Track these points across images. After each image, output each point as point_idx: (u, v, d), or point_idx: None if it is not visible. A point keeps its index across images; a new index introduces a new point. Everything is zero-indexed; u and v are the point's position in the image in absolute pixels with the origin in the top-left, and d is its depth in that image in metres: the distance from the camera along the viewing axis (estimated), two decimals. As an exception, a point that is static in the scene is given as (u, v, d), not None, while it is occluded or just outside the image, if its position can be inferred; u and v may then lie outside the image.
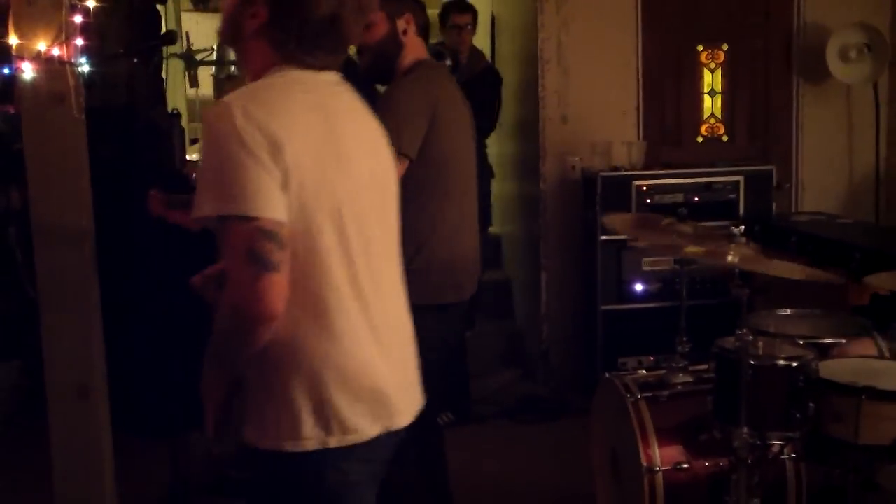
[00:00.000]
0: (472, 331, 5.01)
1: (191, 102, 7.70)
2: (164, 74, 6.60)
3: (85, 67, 3.07)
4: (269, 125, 1.81)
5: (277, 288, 1.81)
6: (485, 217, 4.64)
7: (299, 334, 1.87)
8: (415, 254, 2.99)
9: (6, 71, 4.91)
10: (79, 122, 3.05)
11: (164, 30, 6.19)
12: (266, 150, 1.80)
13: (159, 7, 6.27)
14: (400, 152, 2.87)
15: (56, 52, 2.96)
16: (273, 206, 1.80)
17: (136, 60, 5.16)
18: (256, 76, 1.97)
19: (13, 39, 3.13)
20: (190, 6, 8.27)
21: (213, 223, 1.83)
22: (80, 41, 2.98)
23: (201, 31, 6.79)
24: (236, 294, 1.82)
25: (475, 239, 3.21)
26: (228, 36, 2.05)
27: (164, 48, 6.30)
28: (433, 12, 6.24)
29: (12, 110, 4.83)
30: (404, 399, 2.04)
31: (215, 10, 7.57)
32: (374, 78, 3.36)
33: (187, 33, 6.70)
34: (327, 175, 1.90)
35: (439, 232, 3.03)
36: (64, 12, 2.92)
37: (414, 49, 3.12)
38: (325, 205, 1.89)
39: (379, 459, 2.01)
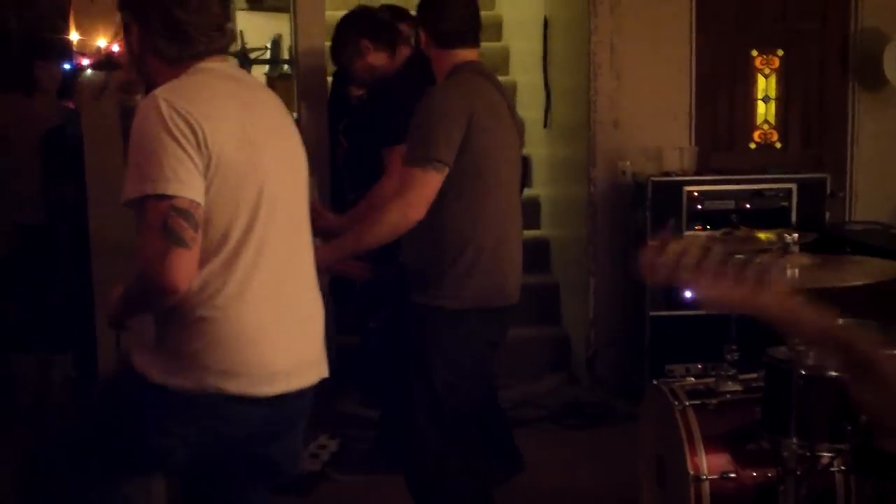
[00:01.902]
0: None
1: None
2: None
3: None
4: (192, 114, 2.02)
5: (186, 264, 1.99)
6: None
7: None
8: (454, 258, 3.01)
9: (66, 67, 5.00)
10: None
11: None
12: (188, 138, 2.00)
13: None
14: (438, 161, 2.89)
15: (115, 48, 3.01)
16: (190, 187, 1.99)
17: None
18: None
19: (74, 36, 3.19)
20: (245, 5, 8.34)
21: (136, 207, 2.01)
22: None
23: (255, 29, 6.85)
24: (147, 266, 2.01)
25: (518, 245, 3.22)
26: (133, 68, 2.28)
27: (220, 47, 6.35)
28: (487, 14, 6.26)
29: (72, 105, 4.91)
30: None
31: (270, 9, 7.63)
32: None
33: (241, 32, 6.76)
34: (246, 158, 2.09)
35: (479, 237, 3.04)
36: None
37: (445, 57, 3.12)
38: (247, 187, 2.08)
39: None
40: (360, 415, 4.60)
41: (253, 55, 6.70)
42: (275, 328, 2.15)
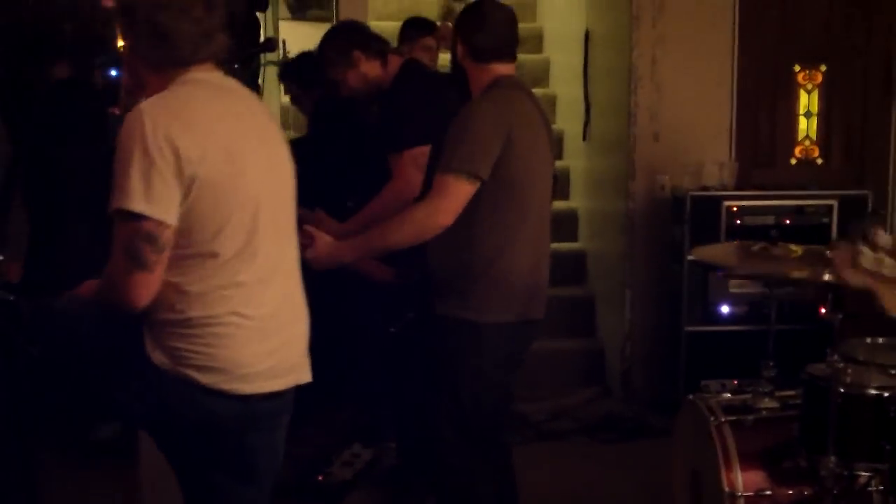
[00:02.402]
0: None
1: (285, 109, 7.82)
2: (260, 81, 6.73)
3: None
4: (175, 131, 2.06)
5: (145, 286, 2.08)
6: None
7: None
8: (484, 269, 3.01)
9: (113, 73, 5.06)
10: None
11: (262, 37, 6.31)
12: (166, 157, 2.04)
13: (259, 14, 6.40)
14: (473, 173, 2.90)
15: None
16: (160, 207, 2.04)
17: (235, 67, 5.27)
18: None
19: (120, 42, 3.23)
20: (288, 14, 8.42)
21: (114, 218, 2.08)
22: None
23: (298, 39, 6.89)
24: (109, 281, 2.12)
25: (547, 261, 3.21)
26: (127, 73, 2.32)
27: (262, 55, 6.43)
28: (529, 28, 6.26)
29: (117, 112, 4.96)
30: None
31: (313, 19, 7.69)
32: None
33: (284, 41, 6.82)
34: (233, 170, 2.14)
35: (511, 251, 3.03)
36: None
37: (482, 71, 3.13)
38: (234, 198, 2.14)
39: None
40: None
41: (295, 64, 6.74)
42: (257, 331, 2.21)
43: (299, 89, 4.91)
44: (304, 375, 2.38)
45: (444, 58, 6.82)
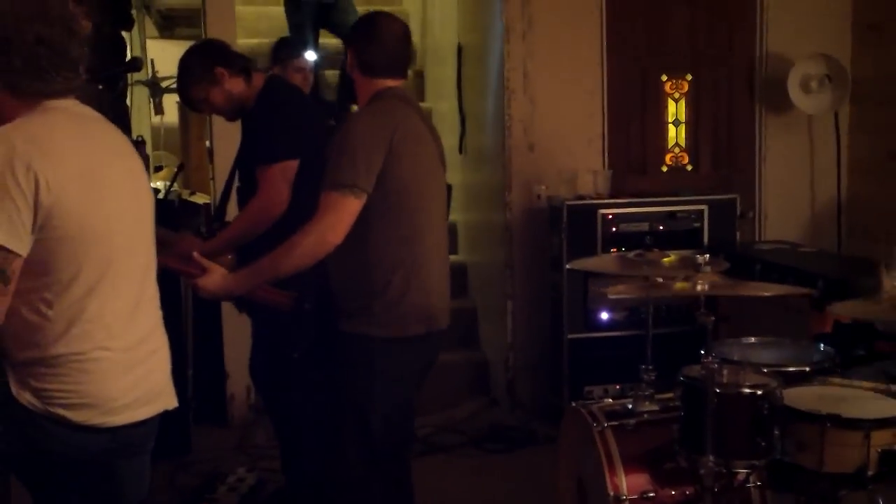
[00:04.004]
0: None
1: (155, 129, 7.67)
2: (128, 101, 6.57)
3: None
4: (35, 158, 2.02)
5: None
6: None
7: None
8: (383, 286, 2.99)
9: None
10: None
11: (129, 56, 6.17)
12: (27, 187, 2.01)
13: (124, 34, 6.25)
14: (357, 187, 2.87)
15: None
16: (10, 236, 2.01)
17: (100, 87, 5.14)
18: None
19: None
20: (155, 33, 8.25)
21: None
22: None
23: (167, 58, 6.76)
24: None
25: (445, 269, 3.20)
26: None
27: (129, 75, 6.28)
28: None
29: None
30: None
31: (181, 38, 7.56)
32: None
33: (152, 60, 6.69)
34: (91, 199, 2.12)
35: (406, 263, 3.01)
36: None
37: (369, 84, 3.11)
38: (93, 228, 2.12)
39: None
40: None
41: (164, 83, 6.63)
42: (121, 363, 2.20)
43: None
44: (171, 401, 2.37)
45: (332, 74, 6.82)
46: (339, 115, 5.72)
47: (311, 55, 5.79)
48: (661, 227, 4.93)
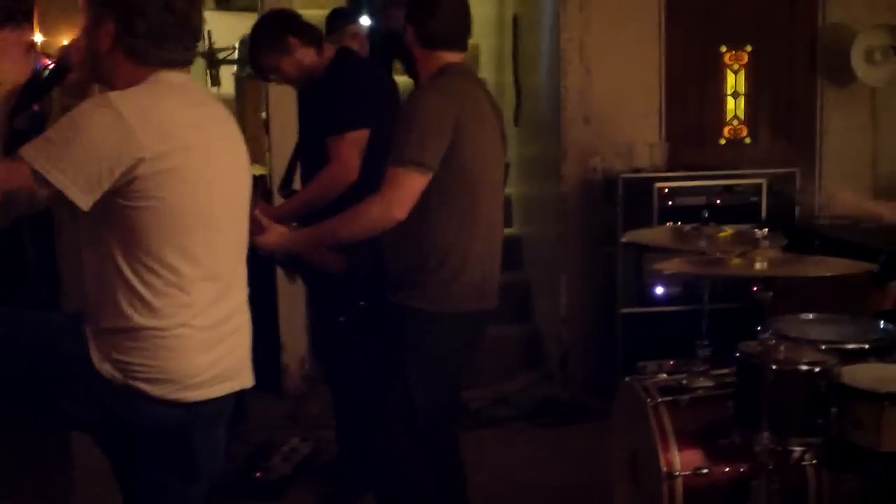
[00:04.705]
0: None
1: (213, 101, 7.73)
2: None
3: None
4: (140, 133, 2.02)
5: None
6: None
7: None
8: (441, 261, 2.99)
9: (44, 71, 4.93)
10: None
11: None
12: (121, 152, 2.01)
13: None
14: (423, 165, 2.88)
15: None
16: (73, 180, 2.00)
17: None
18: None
19: (38, 37, 3.14)
20: (213, 5, 8.29)
21: None
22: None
23: (223, 29, 6.80)
24: None
25: (499, 250, 3.21)
26: (89, 67, 2.24)
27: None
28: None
29: (36, 107, 4.83)
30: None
31: (238, 9, 7.58)
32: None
33: (209, 32, 6.71)
34: (194, 178, 2.12)
35: (465, 241, 3.02)
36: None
37: (430, 58, 3.09)
38: (193, 205, 2.12)
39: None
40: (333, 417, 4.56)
41: (221, 55, 6.65)
42: (203, 341, 2.20)
43: None
44: (247, 380, 2.38)
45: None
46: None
47: (365, 20, 5.78)
48: (719, 202, 4.86)
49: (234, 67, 6.81)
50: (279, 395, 5.17)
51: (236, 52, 6.77)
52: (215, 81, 6.88)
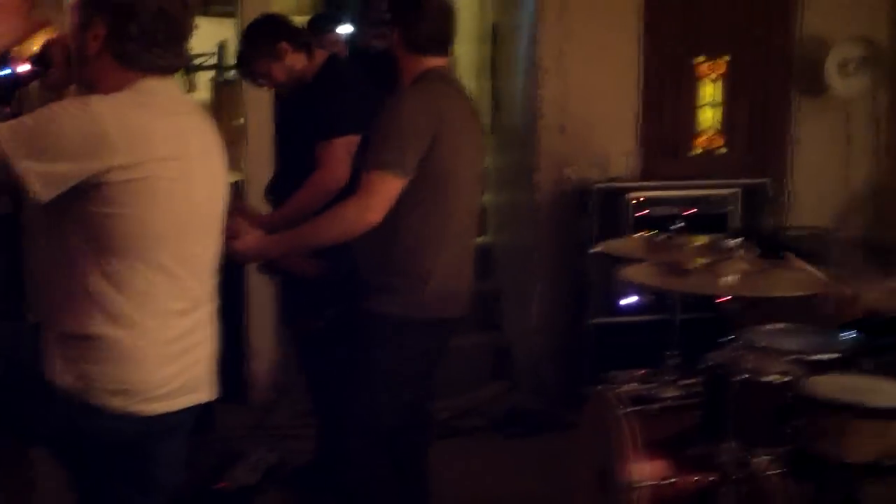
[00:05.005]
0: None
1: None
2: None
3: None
4: (118, 140, 1.99)
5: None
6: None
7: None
8: (411, 266, 2.98)
9: (4, 73, 4.89)
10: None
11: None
12: (93, 154, 1.97)
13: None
14: (401, 169, 2.86)
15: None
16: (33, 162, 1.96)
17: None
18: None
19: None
20: (190, 10, 8.25)
21: None
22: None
23: (201, 34, 6.71)
24: None
25: (471, 259, 3.21)
26: (73, 68, 2.21)
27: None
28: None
29: (8, 110, 4.78)
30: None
31: (215, 15, 7.55)
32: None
33: (186, 37, 6.64)
34: (165, 188, 2.07)
35: (434, 249, 3.01)
36: (64, 13, 2.90)
37: (414, 62, 3.08)
38: (163, 218, 2.08)
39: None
40: (300, 427, 4.54)
41: (198, 61, 6.62)
42: (167, 353, 2.16)
43: None
44: (211, 393, 2.34)
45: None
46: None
47: (345, 28, 5.77)
48: (693, 211, 4.85)
49: (212, 73, 6.77)
50: (246, 403, 5.12)
51: (214, 57, 6.75)
52: (192, 87, 6.85)
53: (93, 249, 2.05)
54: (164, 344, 2.15)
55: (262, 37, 3.72)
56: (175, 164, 2.10)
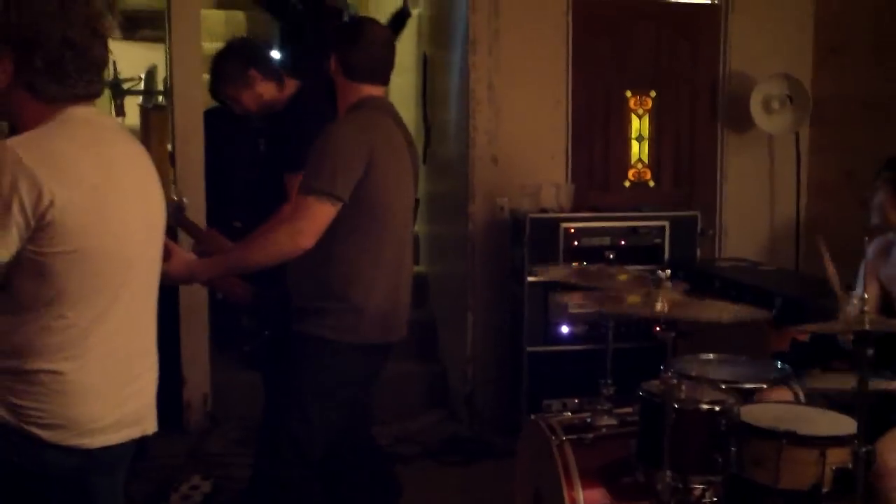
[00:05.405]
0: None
1: (117, 132, 7.60)
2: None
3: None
4: (45, 180, 1.93)
5: None
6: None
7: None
8: (344, 291, 2.98)
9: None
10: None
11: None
12: (28, 201, 1.92)
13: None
14: (334, 195, 2.87)
15: None
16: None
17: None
18: (33, 127, 2.06)
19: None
20: (118, 34, 8.16)
21: None
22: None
23: (130, 59, 6.70)
24: None
25: (409, 282, 3.22)
26: None
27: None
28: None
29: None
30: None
31: (144, 40, 7.48)
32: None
33: (114, 62, 6.61)
34: (96, 220, 2.03)
35: (369, 273, 3.02)
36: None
37: (351, 89, 3.10)
38: (95, 247, 2.03)
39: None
40: (235, 455, 4.49)
41: (126, 85, 6.56)
42: (104, 385, 2.12)
43: None
44: (150, 426, 2.28)
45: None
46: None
47: (275, 54, 5.77)
48: (623, 243, 4.94)
49: (140, 98, 6.70)
50: (181, 431, 5.06)
51: (142, 82, 6.69)
52: (120, 112, 6.77)
53: (28, 285, 2.00)
54: (101, 377, 2.10)
55: (231, 63, 3.69)
56: (106, 194, 2.06)
